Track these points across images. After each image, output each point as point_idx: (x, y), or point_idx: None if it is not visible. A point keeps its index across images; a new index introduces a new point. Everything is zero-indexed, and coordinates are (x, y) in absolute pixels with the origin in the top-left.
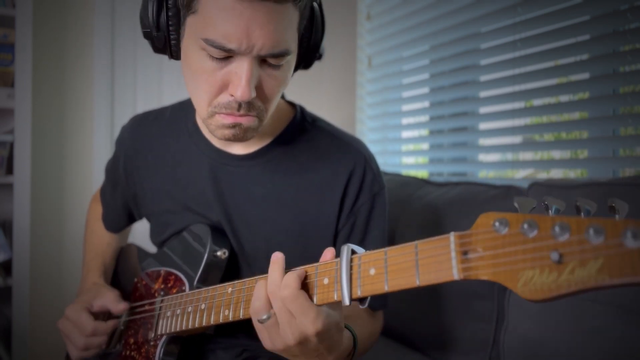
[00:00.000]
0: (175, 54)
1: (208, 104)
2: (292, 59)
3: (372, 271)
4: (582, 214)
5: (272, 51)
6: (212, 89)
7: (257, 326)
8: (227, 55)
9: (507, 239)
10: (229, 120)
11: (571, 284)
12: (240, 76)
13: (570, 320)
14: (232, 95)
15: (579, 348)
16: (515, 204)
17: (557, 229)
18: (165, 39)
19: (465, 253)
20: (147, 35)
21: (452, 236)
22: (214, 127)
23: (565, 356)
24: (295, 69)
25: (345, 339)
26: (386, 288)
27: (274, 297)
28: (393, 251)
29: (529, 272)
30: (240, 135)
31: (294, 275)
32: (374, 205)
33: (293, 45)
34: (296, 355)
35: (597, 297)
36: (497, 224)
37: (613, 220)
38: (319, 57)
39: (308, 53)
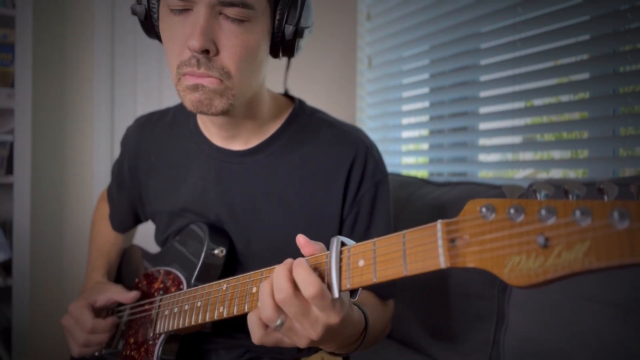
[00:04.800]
0: (158, 30)
1: (176, 67)
2: (256, 21)
3: (361, 262)
4: (570, 197)
5: None
6: (175, 46)
7: (272, 333)
8: (186, 7)
9: (494, 224)
10: (190, 81)
11: (558, 268)
12: (194, 24)
13: (570, 320)
14: (190, 50)
15: (579, 348)
16: (504, 190)
17: (543, 212)
18: (145, 12)
19: (452, 241)
20: (133, 11)
21: (439, 224)
22: (182, 93)
23: (565, 356)
24: (276, 48)
25: (355, 312)
26: (375, 279)
27: (287, 303)
28: (382, 242)
29: (515, 257)
30: (206, 101)
31: (312, 271)
32: (377, 193)
33: (257, 4)
34: (322, 342)
35: (596, 297)
36: (484, 210)
37: (601, 201)
38: (300, 33)
39: (283, 28)
